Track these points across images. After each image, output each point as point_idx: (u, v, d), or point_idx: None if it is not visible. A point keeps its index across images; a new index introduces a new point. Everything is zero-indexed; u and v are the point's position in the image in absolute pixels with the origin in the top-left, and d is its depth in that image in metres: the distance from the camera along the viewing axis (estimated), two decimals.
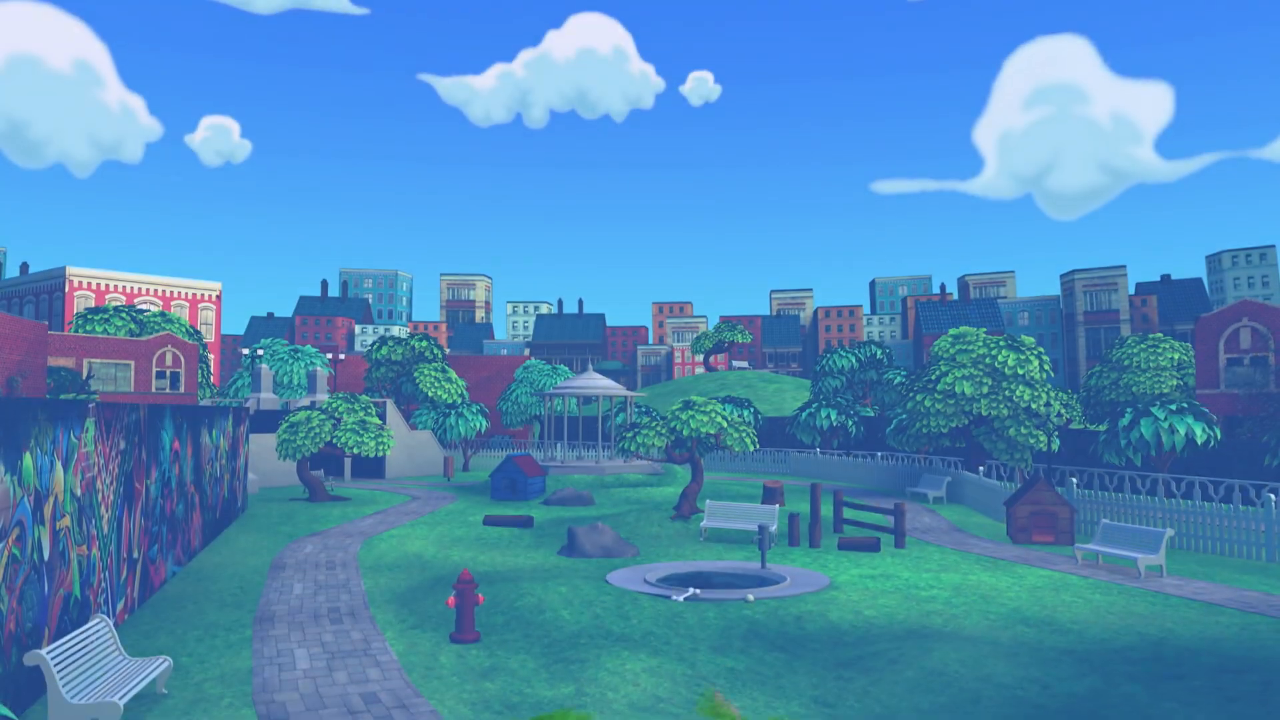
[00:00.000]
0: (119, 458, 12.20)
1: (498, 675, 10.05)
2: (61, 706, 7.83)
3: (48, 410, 9.38)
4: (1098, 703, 9.12)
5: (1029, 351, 29.08)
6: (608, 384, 33.62)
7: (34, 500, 8.95)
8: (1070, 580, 15.46)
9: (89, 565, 10.76)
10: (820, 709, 8.95)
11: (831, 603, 13.60)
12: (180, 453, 16.40)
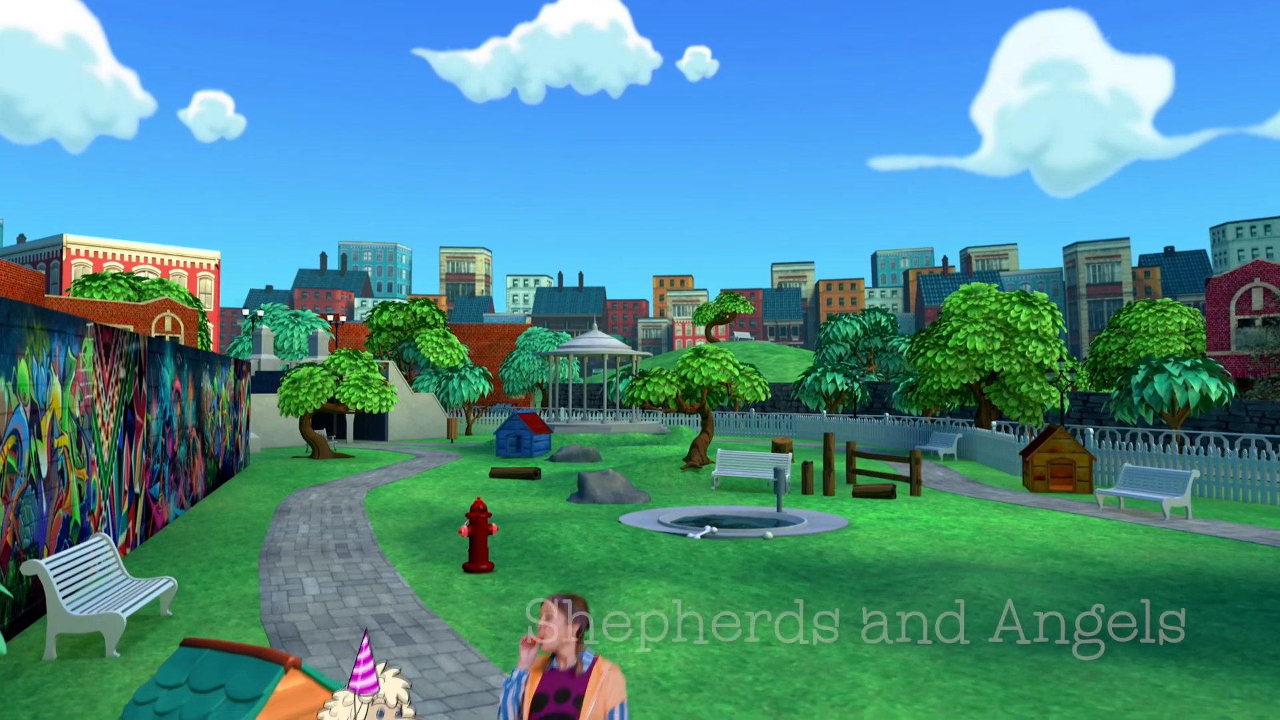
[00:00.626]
0: (119, 385, 11.79)
1: (515, 600, 9.69)
2: (61, 618, 7.45)
3: (44, 319, 8.95)
4: (1143, 624, 8.76)
5: (1041, 307, 28.63)
6: (612, 343, 33.20)
7: (30, 412, 8.54)
8: (1094, 522, 15.12)
9: (89, 491, 10.38)
10: (852, 631, 8.59)
11: (852, 540, 13.25)
12: (182, 393, 15.99)
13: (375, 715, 3.53)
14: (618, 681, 3.77)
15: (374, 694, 3.54)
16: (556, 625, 3.78)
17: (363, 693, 3.55)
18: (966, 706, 6.37)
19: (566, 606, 3.79)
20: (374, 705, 3.53)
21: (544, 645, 3.77)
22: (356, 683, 3.56)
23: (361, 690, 3.55)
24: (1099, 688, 6.77)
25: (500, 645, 7.97)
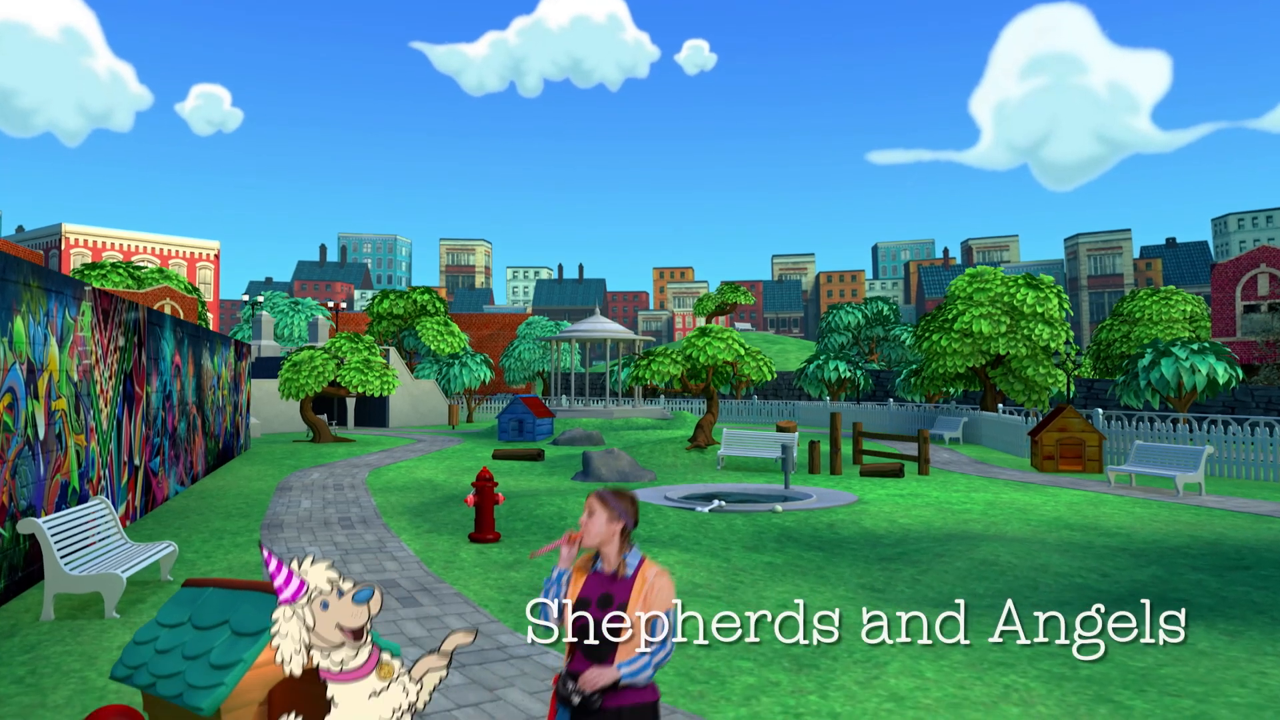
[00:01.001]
0: (118, 354, 11.57)
1: (522, 567, 9.50)
2: (59, 578, 7.25)
3: (40, 277, 8.73)
4: (1165, 587, 8.57)
5: (1048, 289, 28.41)
6: (614, 327, 32.98)
7: (27, 371, 8.33)
8: (1106, 498, 14.92)
9: (87, 458, 10.17)
10: (870, 594, 8.40)
11: (863, 513, 13.05)
12: (182, 369, 15.77)
13: (321, 608, 3.34)
14: (664, 588, 3.46)
15: (306, 592, 3.34)
16: (598, 522, 3.48)
17: (296, 597, 3.35)
18: (993, 663, 6.17)
19: (608, 501, 3.53)
20: (312, 603, 3.34)
21: (584, 543, 3.52)
22: (284, 593, 3.35)
23: (294, 596, 3.35)
24: (1129, 645, 6.56)
25: (509, 608, 7.77)
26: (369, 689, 3.40)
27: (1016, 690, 5.62)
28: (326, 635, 3.35)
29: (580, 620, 3.46)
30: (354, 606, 3.35)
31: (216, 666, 3.76)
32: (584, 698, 3.34)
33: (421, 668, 3.55)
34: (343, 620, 3.33)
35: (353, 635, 3.37)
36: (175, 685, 3.83)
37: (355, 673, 3.39)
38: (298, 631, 3.34)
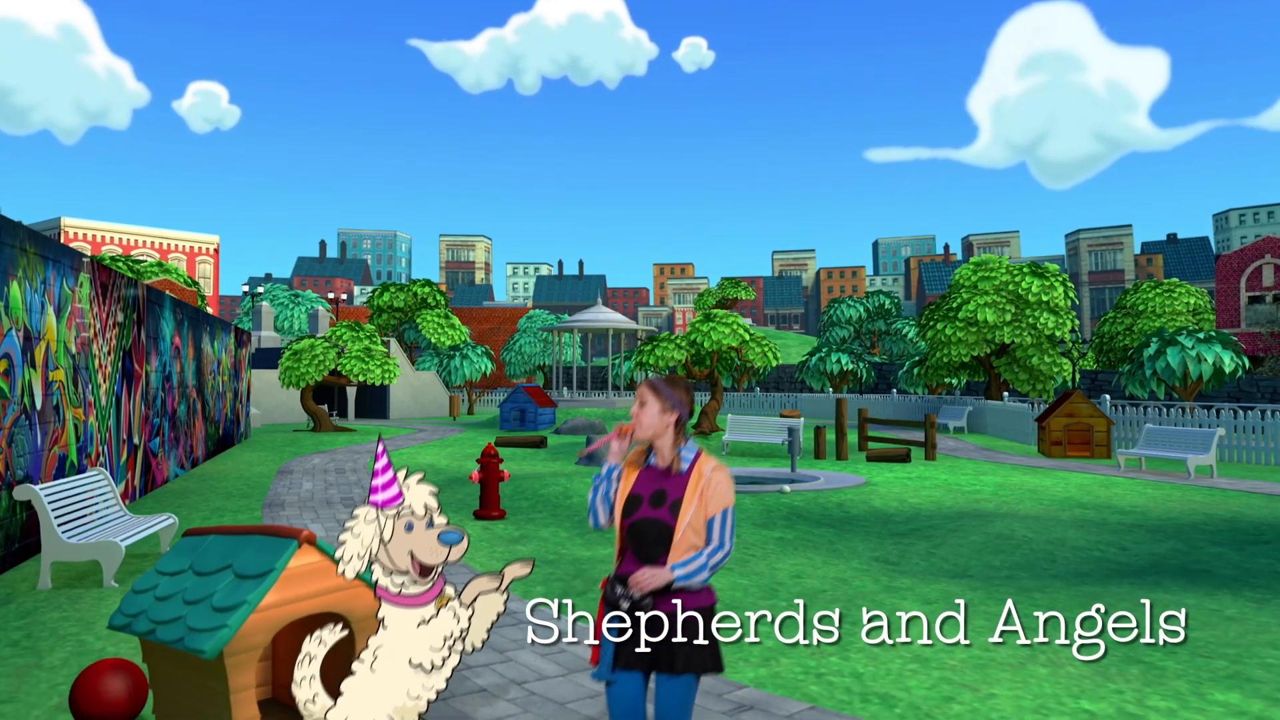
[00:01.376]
0: (116, 329, 11.39)
1: (529, 541, 9.33)
2: (56, 545, 7.07)
3: (37, 243, 8.55)
4: (1186, 560, 8.40)
5: (1053, 278, 28.23)
6: (616, 317, 32.77)
7: (23, 338, 8.15)
8: (1117, 480, 14.76)
9: (86, 433, 9.99)
10: (884, 566, 8.22)
11: (873, 494, 12.88)
12: (181, 350, 15.60)
13: (404, 529, 3.09)
14: (721, 483, 3.20)
15: (398, 505, 3.11)
16: (650, 413, 3.21)
17: (386, 505, 3.11)
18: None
19: (661, 390, 3.26)
20: (400, 518, 3.10)
21: (636, 436, 3.28)
22: (377, 495, 3.11)
23: (384, 503, 3.11)
24: (1155, 610, 6.39)
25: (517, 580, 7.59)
26: (420, 616, 3.18)
27: (1043, 652, 5.45)
28: (396, 557, 3.11)
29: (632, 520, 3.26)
30: (436, 544, 3.10)
31: (219, 609, 3.59)
32: (635, 601, 3.12)
33: (472, 591, 3.31)
34: (418, 551, 3.10)
35: (420, 571, 3.13)
36: (175, 630, 3.66)
37: (412, 599, 3.17)
38: (370, 538, 3.11)
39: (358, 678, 3.19)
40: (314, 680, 3.35)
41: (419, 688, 3.19)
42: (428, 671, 3.15)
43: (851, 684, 4.91)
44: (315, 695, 3.36)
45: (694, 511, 3.17)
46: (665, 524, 3.16)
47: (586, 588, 7.18)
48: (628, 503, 3.25)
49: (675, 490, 3.20)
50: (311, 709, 3.34)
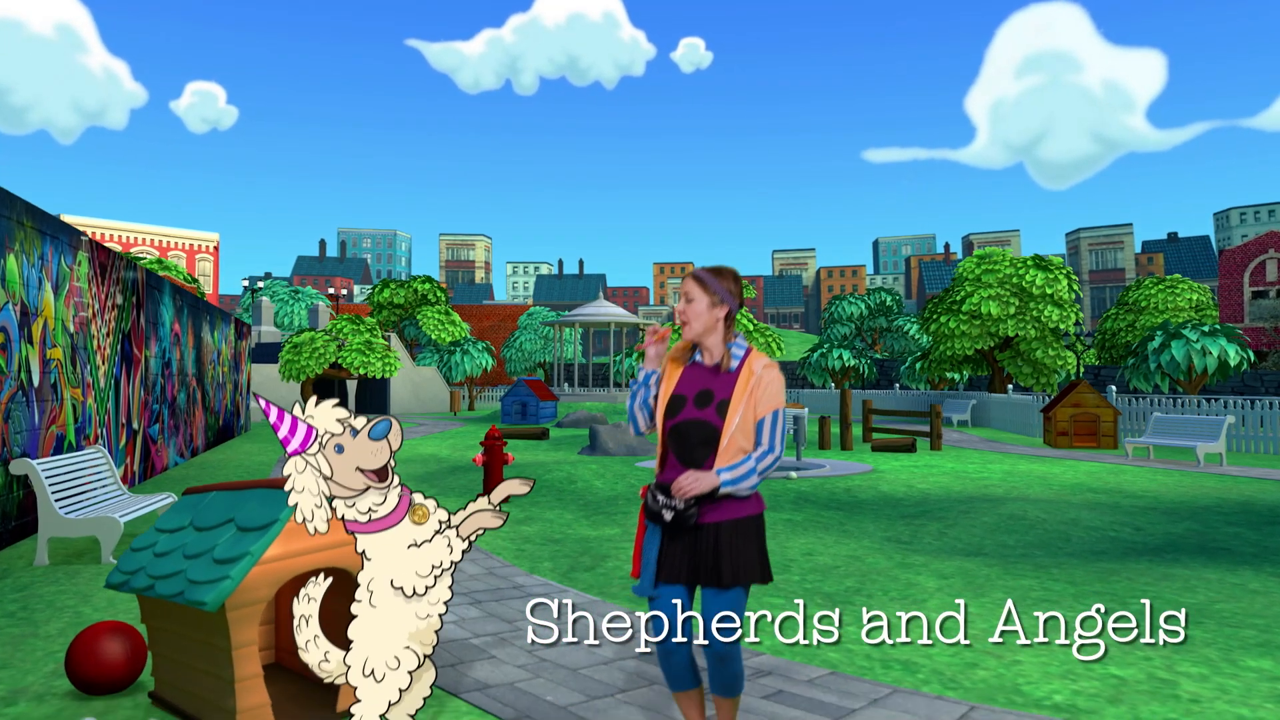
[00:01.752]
0: (115, 311, 11.25)
1: (534, 522, 9.18)
2: (54, 521, 6.93)
3: (35, 218, 8.41)
4: (1203, 538, 8.26)
5: (1057, 270, 28.09)
6: (618, 311, 32.65)
7: (20, 313, 8.01)
8: (1126, 468, 14.61)
9: (84, 414, 9.85)
10: (896, 545, 8.08)
11: (880, 480, 12.74)
12: (181, 338, 15.45)
13: (335, 452, 2.97)
14: (773, 383, 3.01)
15: (316, 438, 2.98)
16: (698, 308, 3.02)
17: (305, 446, 2.98)
18: (1037, 600, 5.86)
19: (707, 282, 3.05)
20: (325, 448, 2.97)
21: (685, 334, 3.07)
22: (291, 444, 2.99)
23: (303, 445, 2.98)
24: (1176, 585, 6.27)
25: (523, 555, 7.46)
26: (406, 539, 3.04)
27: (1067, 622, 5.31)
28: (347, 481, 3.00)
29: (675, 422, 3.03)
30: (372, 443, 2.99)
31: (220, 561, 3.45)
32: (678, 512, 2.92)
33: (473, 524, 3.17)
34: (362, 461, 2.98)
35: (376, 476, 3.01)
36: (175, 584, 3.52)
37: (386, 520, 3.04)
38: (315, 483, 2.99)
39: (361, 620, 3.05)
40: (319, 639, 3.20)
41: (425, 606, 3.07)
42: (408, 597, 3.02)
43: (871, 651, 4.77)
44: (326, 653, 3.22)
45: (743, 413, 2.98)
46: (711, 426, 2.98)
47: (595, 563, 7.05)
48: (670, 404, 3.07)
49: (723, 390, 3.01)
50: (327, 667, 3.20)
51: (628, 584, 6.30)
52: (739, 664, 3.11)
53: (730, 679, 3.11)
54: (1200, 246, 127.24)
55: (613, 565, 6.95)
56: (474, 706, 3.92)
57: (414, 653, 3.13)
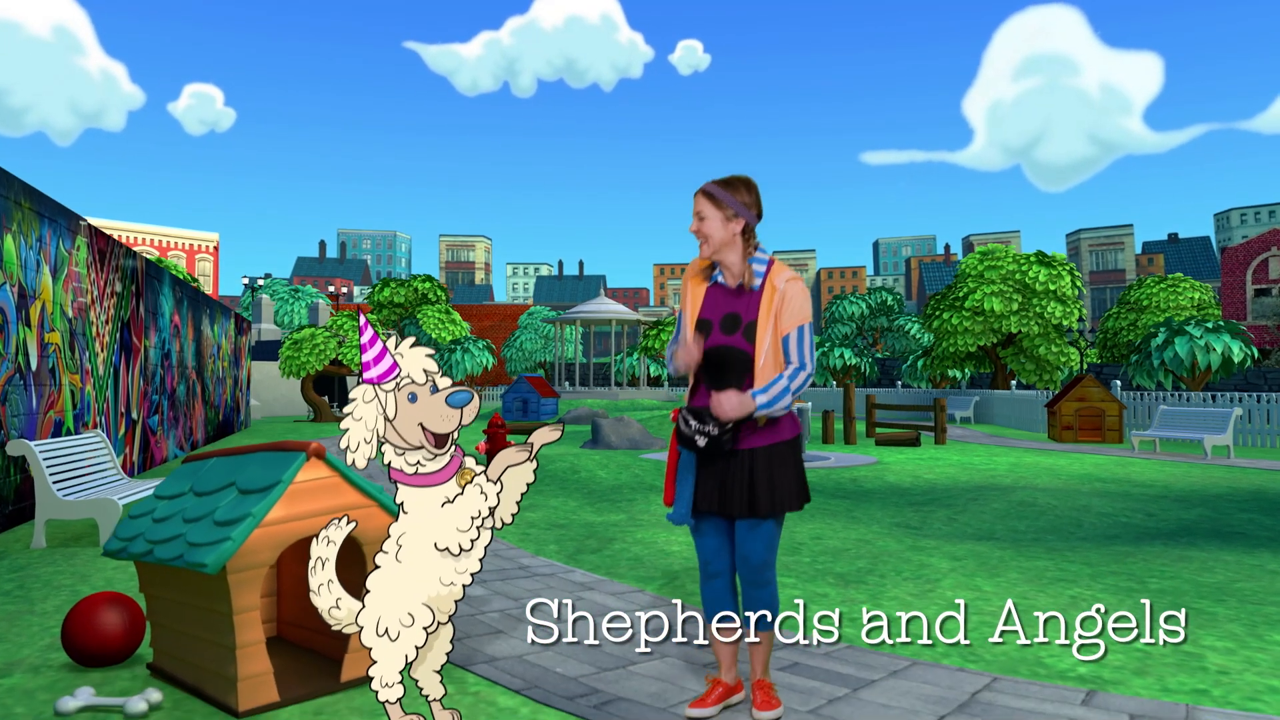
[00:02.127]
0: (114, 299, 11.15)
1: (539, 509, 9.07)
2: (51, 502, 6.82)
3: (33, 199, 8.30)
4: (1217, 523, 8.15)
5: (1060, 267, 27.99)
6: (619, 308, 32.54)
7: (18, 295, 7.90)
8: (1133, 460, 14.51)
9: (83, 401, 9.74)
10: (906, 530, 7.97)
11: (886, 471, 12.64)
12: (181, 330, 15.35)
13: (407, 400, 2.81)
14: (797, 296, 2.91)
15: (395, 376, 2.84)
16: (712, 224, 2.90)
17: (382, 380, 2.83)
18: (1053, 579, 5.75)
19: (718, 196, 2.92)
20: (401, 390, 2.82)
21: (702, 252, 2.97)
22: (370, 371, 2.81)
23: (380, 378, 2.82)
24: (1194, 566, 6.16)
25: (528, 539, 7.35)
26: (443, 495, 2.91)
27: (1084, 600, 5.20)
28: (405, 432, 2.83)
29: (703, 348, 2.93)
30: (446, 408, 2.81)
31: (221, 523, 3.34)
32: (713, 438, 2.84)
33: (499, 464, 3.05)
34: (428, 421, 2.81)
35: (435, 441, 2.84)
36: (175, 548, 3.41)
37: (432, 477, 2.90)
38: (373, 418, 2.84)
39: (384, 571, 2.93)
40: (332, 584, 3.08)
41: (451, 573, 2.92)
42: (455, 555, 2.88)
43: (889, 626, 4.66)
44: (339, 599, 3.09)
45: (770, 335, 2.88)
46: (741, 351, 2.89)
47: (601, 546, 6.94)
48: (697, 327, 2.98)
49: (749, 312, 2.92)
50: (337, 615, 3.08)
51: (636, 565, 6.19)
52: (774, 590, 3.09)
53: (769, 606, 3.09)
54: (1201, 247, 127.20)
55: (620, 548, 6.84)
56: (483, 679, 3.81)
57: (430, 610, 3.01)
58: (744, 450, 2.93)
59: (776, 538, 3.05)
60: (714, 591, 3.16)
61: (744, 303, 2.94)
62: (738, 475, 2.92)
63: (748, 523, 2.97)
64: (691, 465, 2.96)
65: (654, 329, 20.78)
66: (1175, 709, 3.44)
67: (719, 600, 3.16)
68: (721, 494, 2.94)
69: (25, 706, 3.48)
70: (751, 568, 3.08)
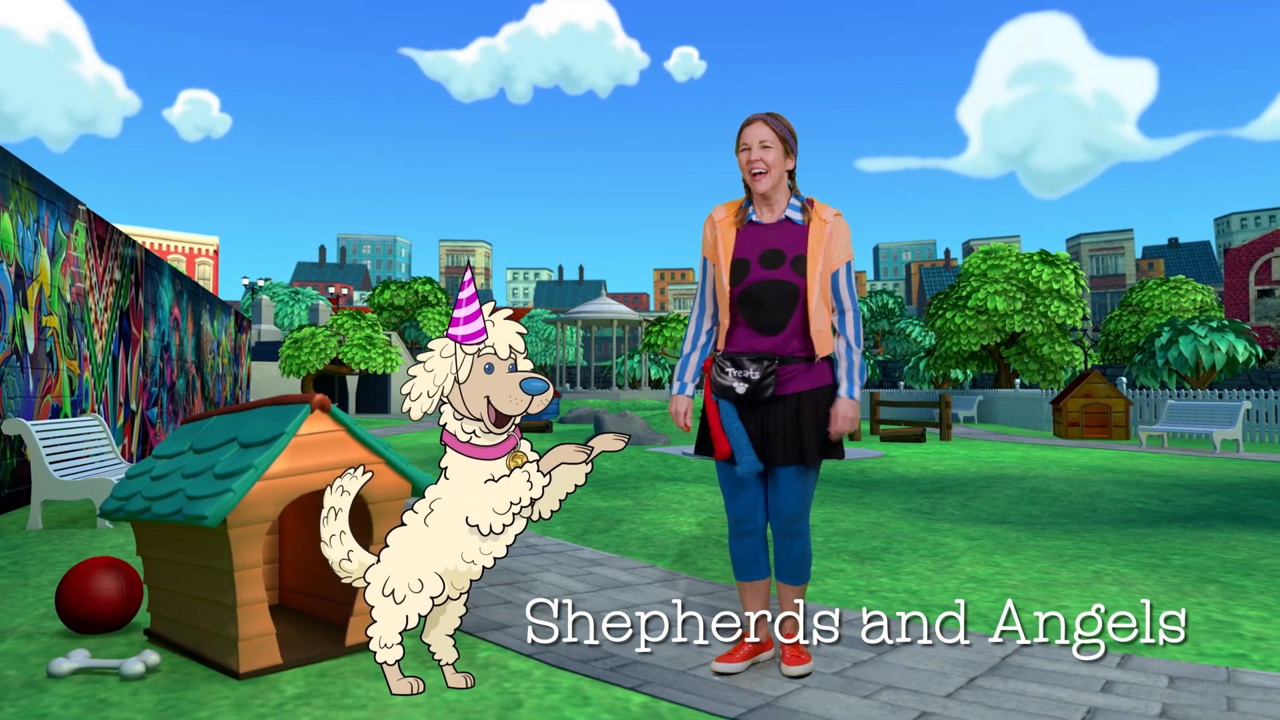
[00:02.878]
0: (113, 287, 11.02)
1: None
2: (47, 483, 6.68)
3: (30, 180, 8.18)
4: (1234, 508, 8.02)
5: (1064, 266, 27.89)
6: (621, 309, 32.43)
7: (15, 275, 7.78)
8: (1141, 455, 14.37)
9: (81, 387, 9.61)
10: (918, 515, 7.84)
11: (893, 463, 12.51)
12: (181, 323, 15.22)
13: (483, 370, 2.66)
14: (844, 231, 2.83)
15: (480, 341, 2.68)
16: (775, 155, 2.77)
17: (466, 341, 2.66)
18: (1073, 557, 5.61)
19: (777, 127, 2.78)
20: (481, 357, 2.66)
21: (758, 188, 2.80)
22: (458, 328, 2.66)
23: (465, 338, 2.65)
24: (1216, 545, 6.02)
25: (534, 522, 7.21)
26: (489, 472, 2.76)
27: (1108, 574, 5.06)
28: (470, 401, 2.68)
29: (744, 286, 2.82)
30: (518, 391, 2.66)
31: (222, 475, 3.20)
32: (753, 383, 2.74)
33: (554, 458, 2.90)
34: (496, 397, 2.66)
35: (496, 420, 2.70)
36: (173, 503, 3.28)
37: (483, 450, 2.75)
38: (444, 376, 2.67)
39: (408, 530, 2.79)
40: (345, 535, 2.94)
41: (475, 551, 2.78)
42: (484, 535, 2.74)
43: (908, 598, 4.53)
44: (350, 551, 2.95)
45: (821, 265, 2.79)
46: (790, 284, 2.78)
47: (609, 527, 6.82)
48: (734, 269, 2.86)
49: (795, 245, 2.80)
50: (348, 567, 2.93)
51: (645, 543, 6.06)
52: (808, 543, 3.02)
53: (801, 559, 3.02)
54: (1201, 252, 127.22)
55: (628, 528, 6.71)
56: (493, 644, 3.67)
57: (441, 581, 2.87)
58: (788, 395, 2.83)
59: (812, 487, 2.97)
60: (746, 549, 3.06)
61: (786, 237, 2.85)
62: (785, 420, 2.83)
63: (788, 470, 2.87)
64: (734, 412, 2.84)
65: (656, 325, 20.66)
66: (1216, 671, 3.30)
67: (751, 556, 3.07)
68: (766, 441, 2.83)
69: (17, 670, 3.34)
70: (785, 519, 2.97)
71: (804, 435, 2.81)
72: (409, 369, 2.80)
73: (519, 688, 3.08)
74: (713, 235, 2.93)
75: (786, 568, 3.05)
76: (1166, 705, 2.90)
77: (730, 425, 2.84)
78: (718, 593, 4.57)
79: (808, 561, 3.05)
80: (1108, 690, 3.05)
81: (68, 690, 3.08)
